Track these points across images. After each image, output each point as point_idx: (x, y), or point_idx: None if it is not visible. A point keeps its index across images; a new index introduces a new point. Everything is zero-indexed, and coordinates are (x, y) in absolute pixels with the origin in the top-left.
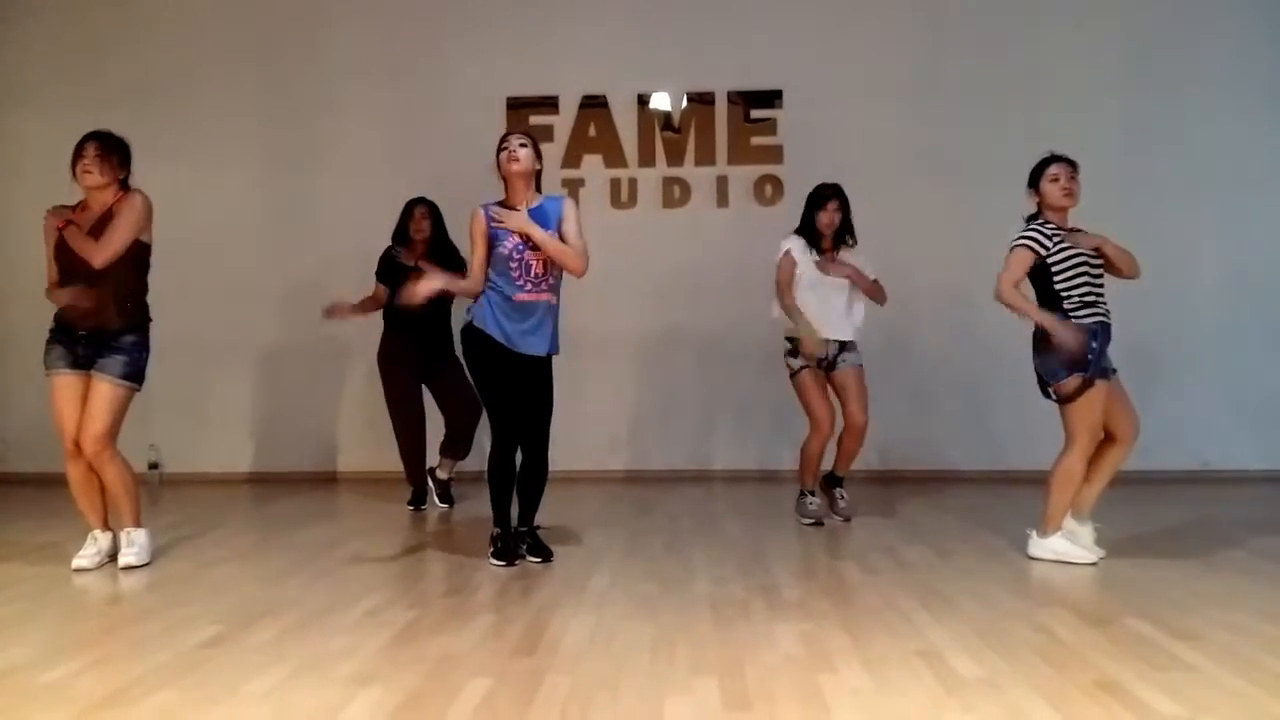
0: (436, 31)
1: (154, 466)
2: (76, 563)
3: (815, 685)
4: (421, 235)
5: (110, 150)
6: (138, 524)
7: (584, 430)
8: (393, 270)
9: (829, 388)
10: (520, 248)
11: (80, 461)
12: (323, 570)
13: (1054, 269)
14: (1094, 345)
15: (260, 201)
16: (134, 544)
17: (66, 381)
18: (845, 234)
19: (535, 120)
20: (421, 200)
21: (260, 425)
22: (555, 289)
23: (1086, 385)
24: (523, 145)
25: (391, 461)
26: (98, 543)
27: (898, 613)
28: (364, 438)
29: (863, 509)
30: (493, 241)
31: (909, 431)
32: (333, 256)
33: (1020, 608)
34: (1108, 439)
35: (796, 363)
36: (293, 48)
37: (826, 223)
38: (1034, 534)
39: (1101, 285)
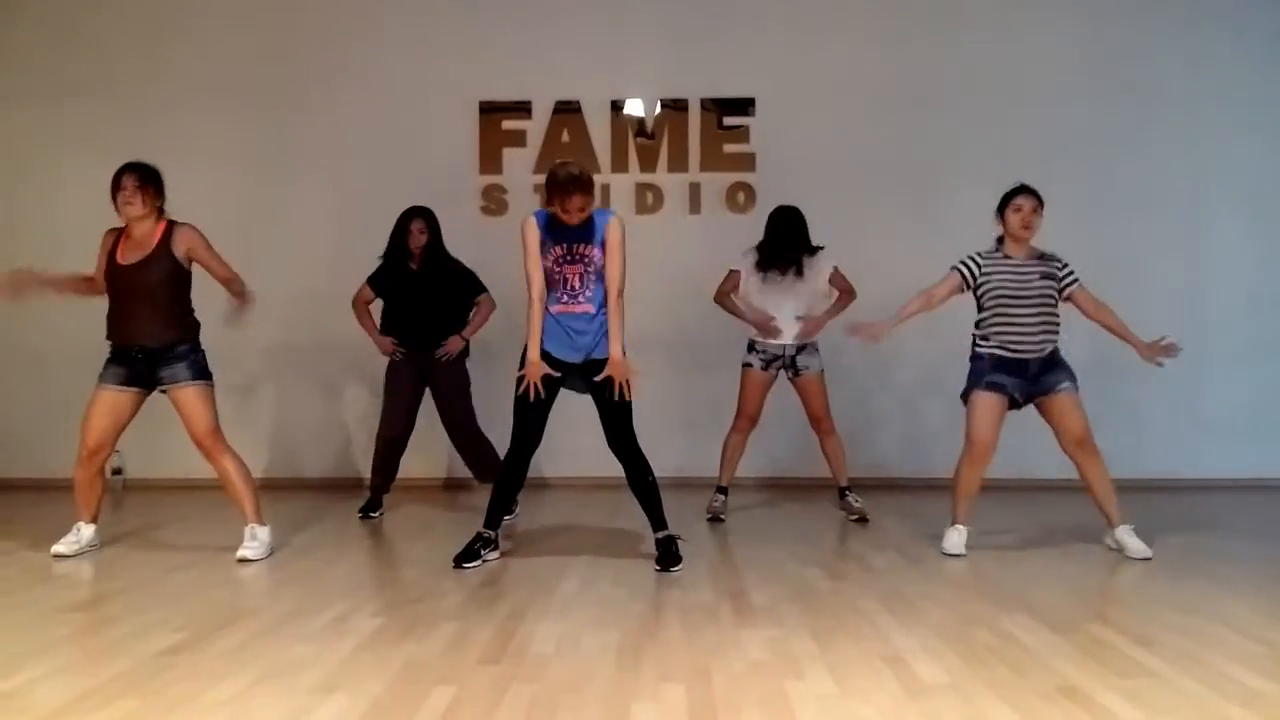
0: (409, 36)
1: (117, 472)
2: (56, 549)
3: (781, 691)
4: (418, 246)
5: (147, 181)
6: (260, 521)
7: (559, 436)
8: (394, 279)
9: (767, 392)
10: (560, 258)
11: (90, 466)
12: (290, 577)
13: (978, 297)
14: (983, 365)
15: (226, 204)
16: (256, 539)
17: (109, 397)
18: (803, 252)
19: (508, 125)
20: (418, 212)
21: (238, 431)
22: (595, 299)
23: (968, 393)
24: (584, 210)
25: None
26: (80, 533)
27: (863, 618)
28: (354, 445)
29: (832, 514)
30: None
31: (880, 439)
32: (303, 261)
33: (984, 613)
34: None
35: (747, 356)
36: (264, 49)
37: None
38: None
39: (1029, 322)
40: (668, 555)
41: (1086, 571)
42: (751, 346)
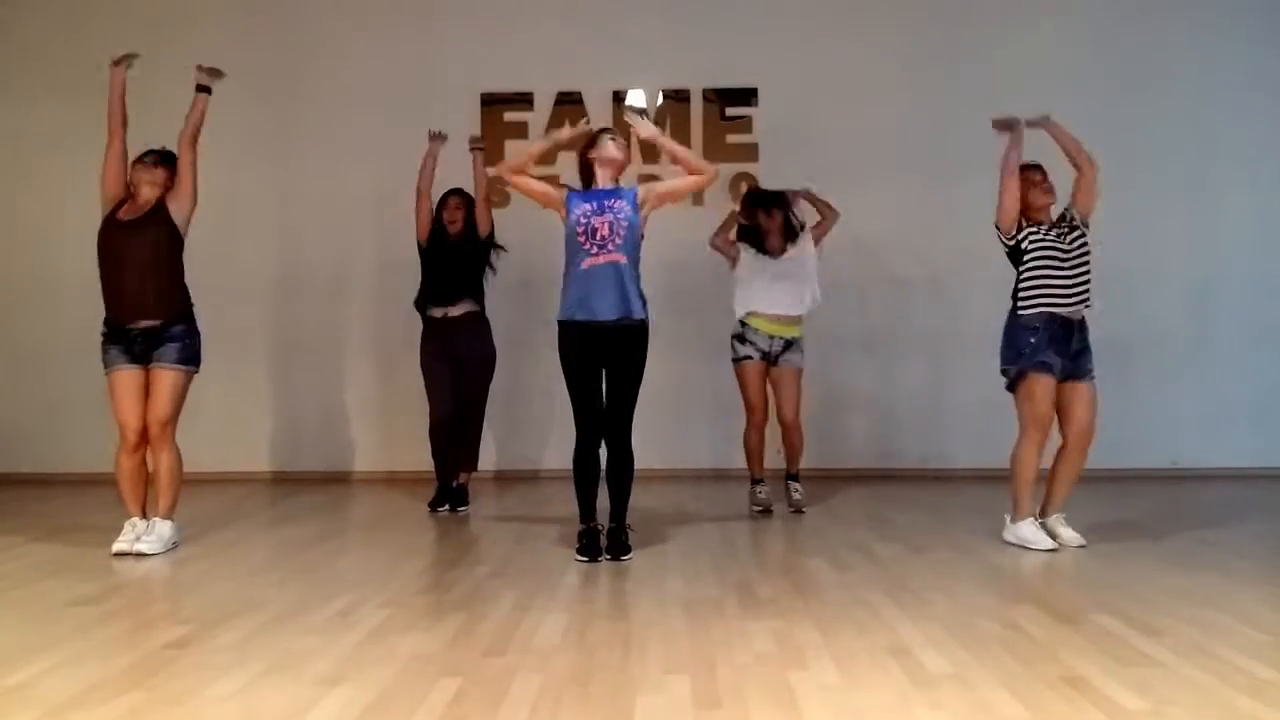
0: (411, 26)
1: None
2: (116, 546)
3: (785, 682)
4: (456, 227)
5: (167, 163)
6: (168, 517)
7: (563, 428)
8: (432, 241)
9: (767, 382)
10: (588, 213)
11: (135, 455)
12: (295, 569)
13: (1023, 255)
14: (1031, 340)
15: (228, 195)
16: (155, 533)
17: (127, 376)
18: (791, 231)
19: (510, 117)
20: (458, 191)
21: (238, 422)
22: (625, 249)
23: (1020, 375)
24: (614, 139)
25: (395, 461)
26: (135, 529)
27: (868, 609)
28: (364, 436)
29: (838, 506)
30: (566, 215)
31: (883, 429)
32: (305, 250)
33: (989, 604)
34: (1062, 442)
35: (741, 350)
36: (266, 38)
37: (767, 225)
38: (1008, 519)
39: (1070, 282)
40: (618, 545)
41: (1092, 562)
42: (742, 338)
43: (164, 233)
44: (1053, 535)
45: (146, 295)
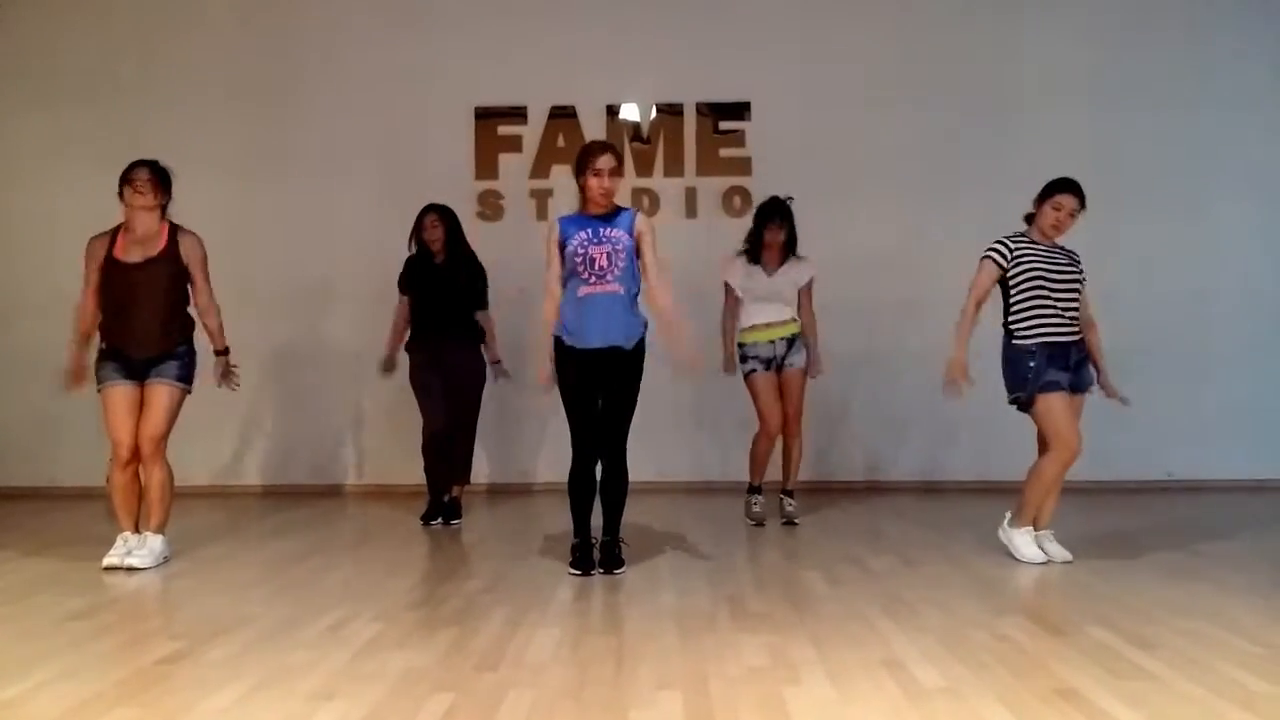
0: (406, 40)
1: None
2: (107, 561)
3: (779, 697)
4: (438, 243)
5: (159, 176)
6: (160, 531)
7: (557, 442)
8: (418, 274)
9: (778, 391)
10: (585, 241)
11: (129, 470)
12: (287, 584)
13: (1010, 282)
14: (1031, 365)
15: (223, 210)
16: (147, 547)
17: (122, 391)
18: (791, 248)
19: (504, 130)
20: (433, 207)
21: (229, 436)
22: (623, 280)
23: (1031, 399)
24: (615, 174)
25: (387, 474)
26: (127, 543)
27: (862, 622)
28: (356, 449)
29: (832, 519)
30: (562, 246)
31: (876, 442)
32: (298, 262)
33: (983, 616)
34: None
35: (746, 366)
36: (260, 56)
37: (771, 239)
38: (1008, 518)
39: (1063, 306)
40: (611, 558)
41: (1086, 575)
42: (744, 357)
43: (174, 272)
44: (1041, 549)
45: (147, 329)
